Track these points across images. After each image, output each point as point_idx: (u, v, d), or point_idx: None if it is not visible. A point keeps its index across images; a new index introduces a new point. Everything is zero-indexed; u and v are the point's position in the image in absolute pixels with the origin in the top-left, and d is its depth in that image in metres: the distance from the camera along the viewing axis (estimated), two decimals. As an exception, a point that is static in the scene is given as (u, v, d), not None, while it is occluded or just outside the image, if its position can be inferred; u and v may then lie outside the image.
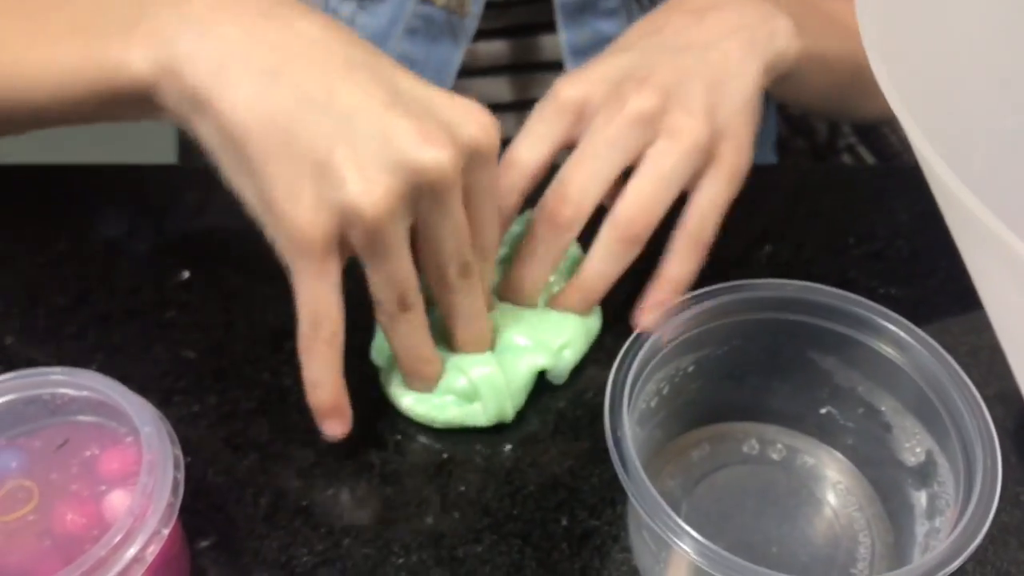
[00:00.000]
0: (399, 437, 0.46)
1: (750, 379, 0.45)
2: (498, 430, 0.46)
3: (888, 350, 0.41)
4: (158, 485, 0.36)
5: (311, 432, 0.47)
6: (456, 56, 0.62)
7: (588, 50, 0.62)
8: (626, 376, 0.39)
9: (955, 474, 0.38)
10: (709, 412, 0.46)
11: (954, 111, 0.36)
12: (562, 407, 0.48)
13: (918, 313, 0.43)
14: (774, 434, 0.46)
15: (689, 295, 0.43)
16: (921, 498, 0.41)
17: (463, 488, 0.44)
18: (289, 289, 0.52)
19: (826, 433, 0.45)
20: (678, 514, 0.36)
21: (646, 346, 0.40)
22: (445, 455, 0.46)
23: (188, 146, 0.83)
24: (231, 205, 0.57)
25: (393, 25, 0.61)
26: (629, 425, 0.38)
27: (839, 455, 0.45)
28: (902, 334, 0.41)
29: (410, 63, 0.61)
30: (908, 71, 0.33)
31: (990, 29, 0.38)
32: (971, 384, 0.39)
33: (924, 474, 0.41)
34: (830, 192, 0.60)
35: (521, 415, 0.47)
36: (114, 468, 0.39)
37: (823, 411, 0.45)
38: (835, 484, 0.45)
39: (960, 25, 0.37)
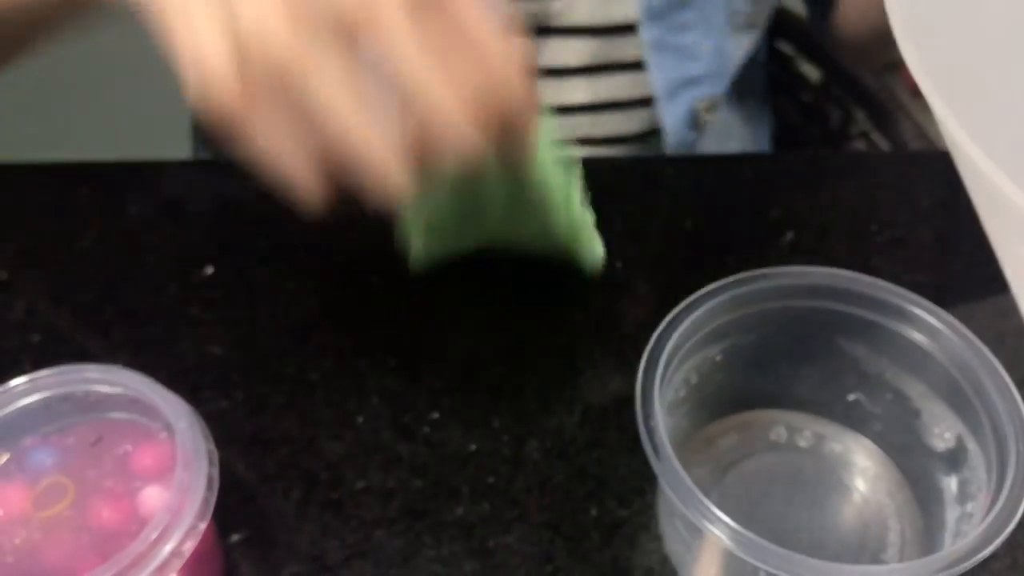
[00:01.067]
0: (427, 430, 0.46)
1: (777, 367, 0.45)
2: (524, 422, 0.47)
3: (916, 336, 0.41)
4: (193, 480, 0.36)
5: (340, 426, 0.47)
6: None
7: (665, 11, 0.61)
8: (656, 364, 0.39)
9: (987, 459, 0.39)
10: (737, 400, 0.46)
11: (982, 94, 0.36)
12: (588, 398, 0.48)
13: (943, 299, 0.43)
14: (802, 421, 0.46)
15: (716, 284, 0.43)
16: (951, 483, 0.41)
17: (492, 480, 0.45)
18: (314, 283, 0.53)
19: (854, 420, 0.46)
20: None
21: (675, 336, 0.40)
22: (473, 447, 0.46)
23: (202, 141, 0.83)
24: (253, 199, 0.57)
25: None
26: (660, 414, 0.38)
27: (867, 441, 0.45)
28: (931, 319, 0.41)
29: None
30: (938, 55, 0.33)
31: (1018, 12, 0.38)
32: (1001, 368, 0.39)
33: (954, 460, 0.41)
34: (850, 179, 0.60)
35: (547, 406, 0.47)
36: (148, 464, 0.39)
37: (851, 398, 0.45)
38: (864, 470, 0.45)
39: (989, 8, 0.37)
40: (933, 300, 0.42)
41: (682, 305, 0.41)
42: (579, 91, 0.65)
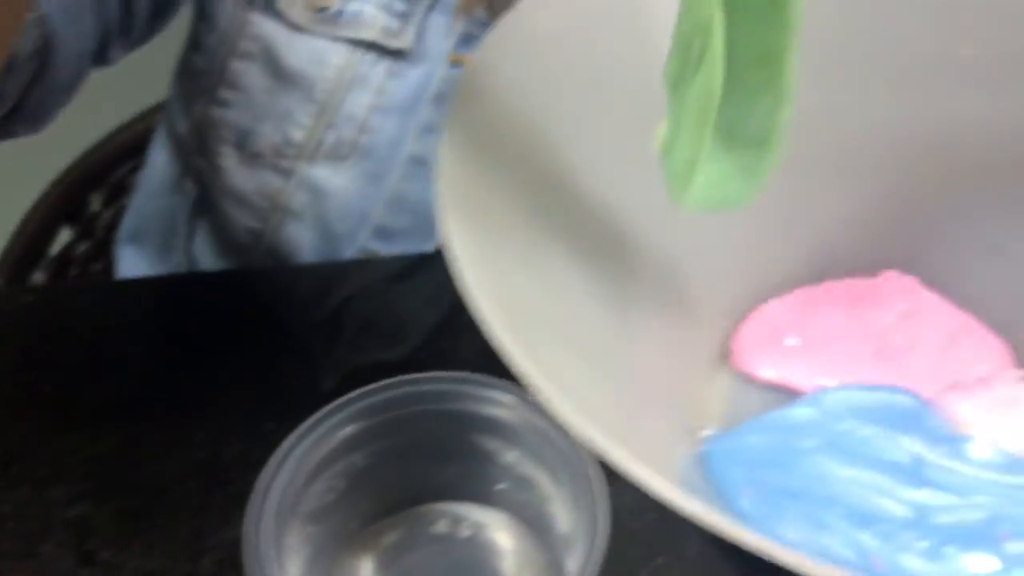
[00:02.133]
0: (108, 554, 0.49)
1: (429, 465, 0.48)
2: (203, 538, 0.49)
3: (530, 429, 0.45)
4: None
5: (23, 556, 0.49)
6: None
7: None
8: (267, 492, 0.42)
9: (584, 540, 0.42)
10: (403, 497, 0.49)
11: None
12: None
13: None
14: (466, 512, 0.49)
15: (355, 393, 0.46)
16: (571, 563, 0.44)
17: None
18: (20, 413, 0.55)
19: (508, 507, 0.49)
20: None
21: (296, 453, 0.43)
22: (151, 566, 0.48)
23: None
24: None
25: (423, 90, 0.61)
26: (295, 531, 0.42)
27: (519, 527, 0.49)
28: (534, 414, 0.44)
29: (438, 130, 0.62)
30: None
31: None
32: (586, 455, 0.42)
33: (569, 541, 0.44)
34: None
35: (228, 519, 0.50)
36: None
37: (499, 487, 0.48)
38: (516, 554, 0.48)
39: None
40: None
41: (310, 421, 0.45)
42: None
